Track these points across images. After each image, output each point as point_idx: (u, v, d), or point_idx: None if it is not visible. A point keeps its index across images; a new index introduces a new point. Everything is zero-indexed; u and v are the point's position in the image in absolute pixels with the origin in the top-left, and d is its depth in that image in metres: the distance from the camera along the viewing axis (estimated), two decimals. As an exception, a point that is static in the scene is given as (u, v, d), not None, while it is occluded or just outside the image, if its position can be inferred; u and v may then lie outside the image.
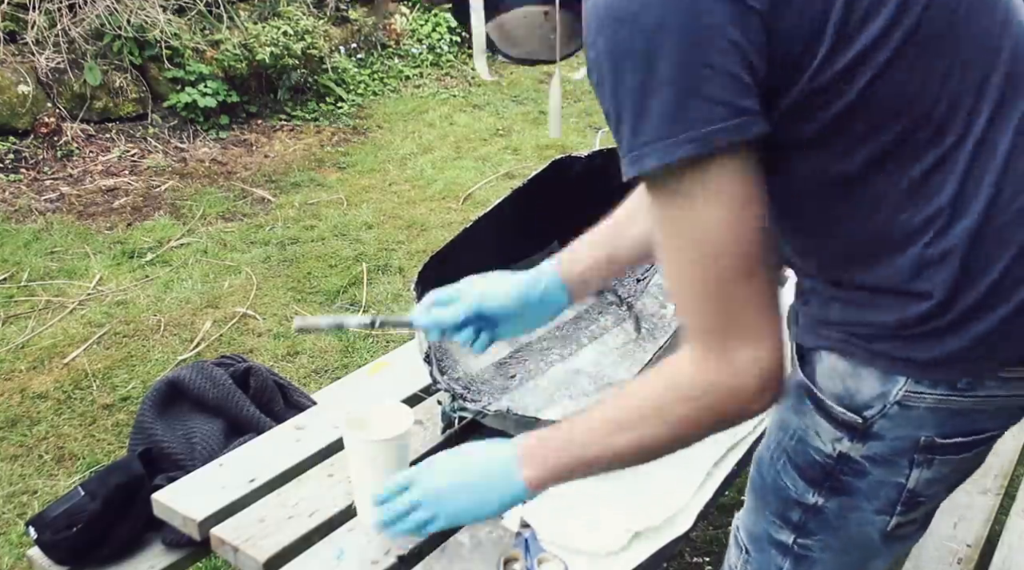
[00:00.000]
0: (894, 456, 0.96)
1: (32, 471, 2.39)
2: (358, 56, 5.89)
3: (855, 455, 0.98)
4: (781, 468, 1.06)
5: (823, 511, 1.04)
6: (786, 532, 1.09)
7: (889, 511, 1.01)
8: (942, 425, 0.94)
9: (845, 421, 0.96)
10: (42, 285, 3.34)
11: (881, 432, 0.95)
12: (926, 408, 0.93)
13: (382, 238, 3.86)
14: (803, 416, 1.01)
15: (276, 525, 1.31)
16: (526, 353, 1.76)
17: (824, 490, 1.02)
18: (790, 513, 1.07)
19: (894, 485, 0.99)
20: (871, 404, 0.94)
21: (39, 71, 4.44)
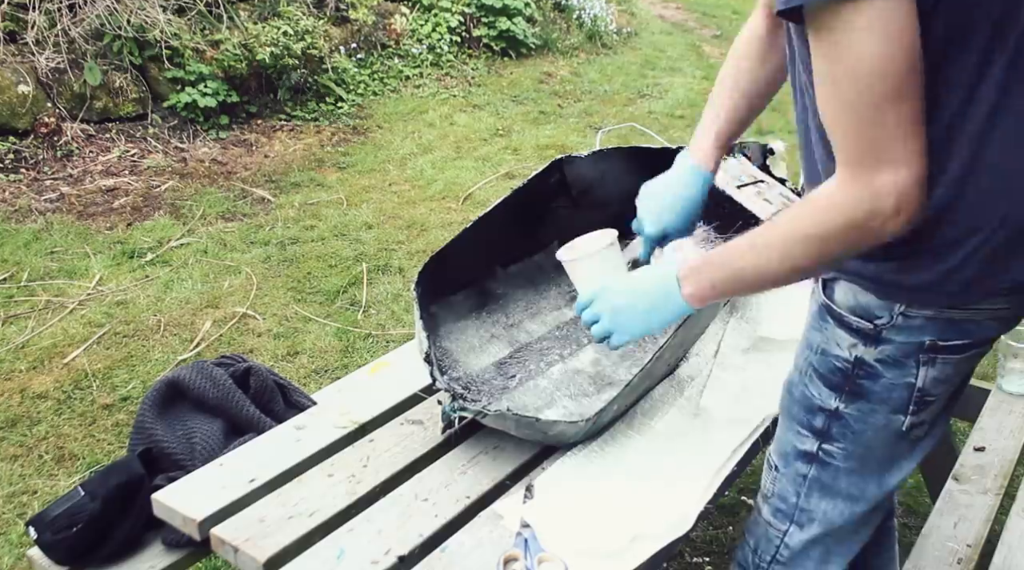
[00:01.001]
0: (903, 358, 1.12)
1: (32, 471, 2.39)
2: (358, 56, 5.89)
3: (869, 359, 1.14)
4: (808, 380, 1.22)
5: (844, 416, 1.19)
6: (810, 440, 1.24)
7: (903, 410, 1.16)
8: (943, 331, 1.10)
9: (859, 328, 1.13)
10: (42, 285, 3.34)
11: (890, 337, 1.11)
12: (925, 318, 1.09)
13: (382, 238, 3.86)
14: (824, 331, 1.18)
15: (276, 525, 1.31)
16: (526, 353, 1.76)
17: (844, 394, 1.18)
18: (814, 420, 1.22)
19: (905, 385, 1.14)
20: (880, 314, 1.10)
21: (39, 71, 4.44)
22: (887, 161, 0.93)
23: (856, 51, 0.89)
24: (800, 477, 1.28)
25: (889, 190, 0.93)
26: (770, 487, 1.34)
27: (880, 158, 0.93)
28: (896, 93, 0.90)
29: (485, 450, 1.49)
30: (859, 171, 0.94)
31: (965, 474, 1.77)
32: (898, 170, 0.93)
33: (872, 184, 0.94)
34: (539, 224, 1.88)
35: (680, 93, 6.34)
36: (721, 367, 1.71)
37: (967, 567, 1.56)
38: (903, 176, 0.93)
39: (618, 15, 7.90)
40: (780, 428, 1.32)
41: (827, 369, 1.19)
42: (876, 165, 0.93)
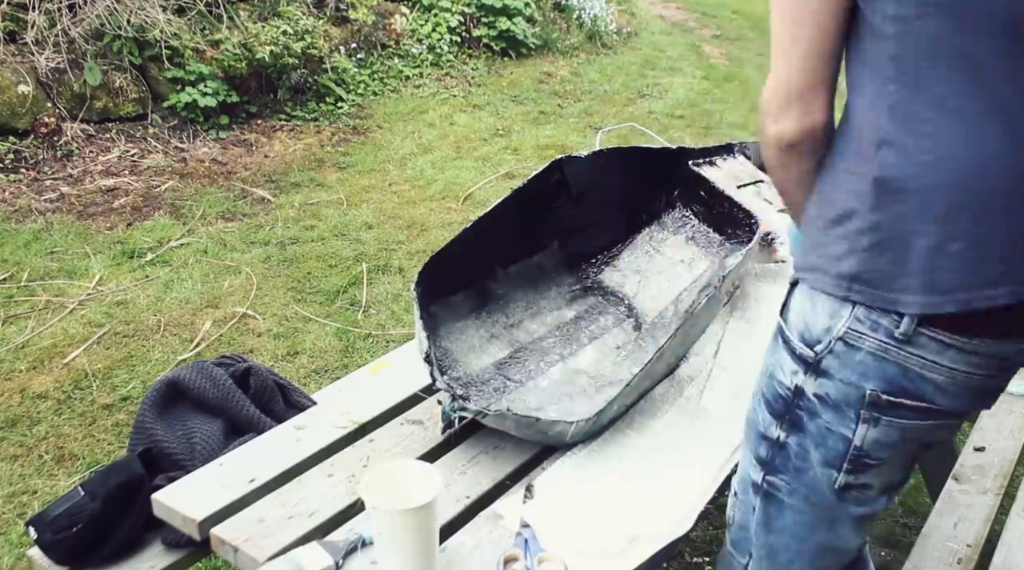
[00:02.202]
0: (842, 403, 1.05)
1: (32, 471, 2.39)
2: (358, 56, 5.89)
3: (808, 390, 1.07)
4: (757, 404, 1.17)
5: (785, 447, 1.13)
6: (758, 470, 1.18)
7: (836, 465, 1.08)
8: (889, 381, 1.01)
9: (801, 355, 1.07)
10: (42, 285, 3.34)
11: (829, 370, 1.04)
12: (868, 353, 1.01)
13: (382, 238, 3.86)
14: (774, 353, 1.13)
15: (276, 525, 1.31)
16: (526, 353, 1.76)
17: (785, 423, 1.12)
18: (760, 448, 1.17)
19: (840, 436, 1.06)
20: (820, 339, 1.04)
21: (39, 71, 4.44)
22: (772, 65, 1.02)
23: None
24: (751, 508, 1.21)
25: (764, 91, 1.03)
26: (731, 514, 1.29)
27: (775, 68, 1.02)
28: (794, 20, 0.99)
29: (485, 450, 1.49)
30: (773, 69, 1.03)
31: (965, 474, 1.77)
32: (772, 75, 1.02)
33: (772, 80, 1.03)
34: (539, 224, 1.88)
35: (680, 93, 6.33)
36: (721, 367, 1.71)
37: (967, 567, 1.55)
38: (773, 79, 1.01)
39: (618, 15, 7.90)
40: (741, 454, 1.26)
41: (772, 395, 1.14)
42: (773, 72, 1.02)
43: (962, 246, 0.95)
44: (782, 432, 1.12)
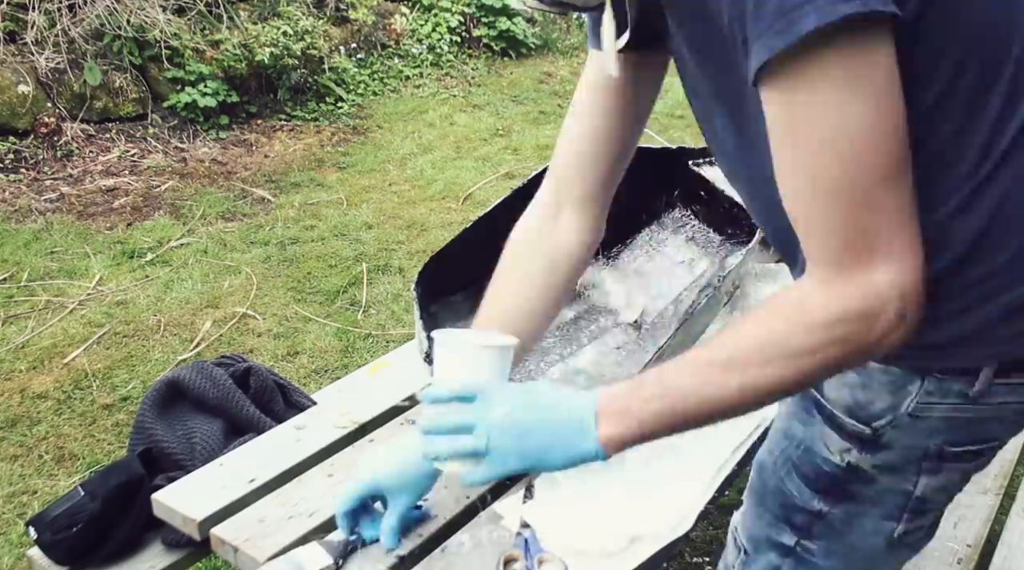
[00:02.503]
0: (903, 464, 0.94)
1: (32, 471, 2.39)
2: (358, 56, 5.89)
3: (864, 466, 0.95)
4: (785, 475, 1.03)
5: (828, 517, 1.01)
6: (788, 534, 1.06)
7: (896, 517, 0.98)
8: (955, 432, 0.91)
9: (854, 432, 0.93)
10: (42, 285, 3.34)
11: (890, 443, 0.92)
12: (938, 418, 0.89)
13: (382, 238, 3.86)
14: (810, 427, 0.98)
15: (276, 525, 1.30)
16: (526, 354, 1.76)
17: (831, 498, 1.00)
18: (794, 517, 1.04)
19: (901, 492, 0.96)
20: (882, 415, 0.90)
21: (39, 71, 4.44)
22: (883, 254, 0.74)
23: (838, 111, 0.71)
24: (773, 567, 1.09)
25: (890, 291, 0.75)
26: (730, 562, 1.17)
27: (875, 250, 0.74)
28: (891, 166, 0.73)
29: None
30: (847, 269, 0.75)
31: (965, 474, 1.77)
32: (897, 265, 0.75)
33: (867, 284, 0.75)
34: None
35: (680, 93, 6.30)
36: (721, 367, 1.71)
37: (967, 567, 1.56)
38: (904, 271, 0.75)
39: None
40: (750, 510, 1.12)
41: (812, 471, 0.99)
42: (869, 259, 0.74)
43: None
44: (825, 506, 1.00)
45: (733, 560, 1.17)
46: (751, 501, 1.12)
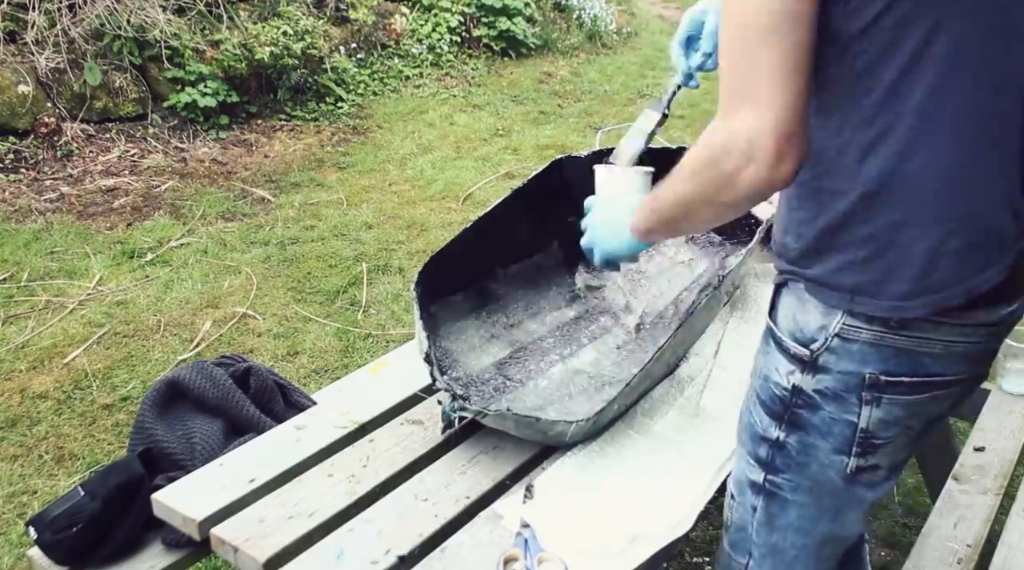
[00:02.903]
0: (843, 392, 1.05)
1: (32, 471, 2.39)
2: (358, 56, 5.89)
3: (807, 388, 1.07)
4: (752, 406, 1.17)
5: (786, 446, 1.12)
6: (757, 470, 1.17)
7: (846, 451, 1.08)
8: (885, 362, 1.02)
9: (796, 354, 1.07)
10: (42, 285, 3.34)
11: (827, 365, 1.04)
12: (865, 343, 1.01)
13: (382, 238, 3.86)
14: (767, 356, 1.13)
15: (276, 525, 1.31)
16: (526, 353, 1.76)
17: (785, 424, 1.11)
18: (759, 450, 1.16)
19: (846, 423, 1.06)
20: (815, 337, 1.04)
21: (39, 71, 4.44)
22: (748, 101, 0.90)
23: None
24: (752, 508, 1.21)
25: (743, 131, 0.90)
26: (728, 515, 1.29)
27: (742, 97, 0.91)
28: (770, 31, 0.88)
29: (485, 450, 1.49)
30: (725, 107, 0.93)
31: (965, 474, 1.77)
32: (757, 113, 0.89)
33: (730, 122, 0.92)
34: (539, 224, 1.88)
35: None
36: (721, 367, 1.71)
37: (967, 567, 1.55)
38: (761, 119, 0.89)
39: (618, 15, 7.90)
40: (736, 455, 1.26)
41: (768, 396, 1.13)
42: (738, 104, 0.91)
43: (959, 242, 0.96)
44: (781, 432, 1.12)
45: (726, 510, 1.28)
46: (736, 446, 1.25)
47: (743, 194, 0.94)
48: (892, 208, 0.96)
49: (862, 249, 0.98)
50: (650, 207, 1.12)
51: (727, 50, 0.92)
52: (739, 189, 0.93)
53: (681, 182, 1.02)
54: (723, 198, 0.96)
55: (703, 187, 0.98)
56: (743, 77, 0.91)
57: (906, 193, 0.95)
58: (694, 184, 0.99)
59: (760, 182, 0.92)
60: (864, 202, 0.97)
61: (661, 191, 1.08)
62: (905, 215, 0.96)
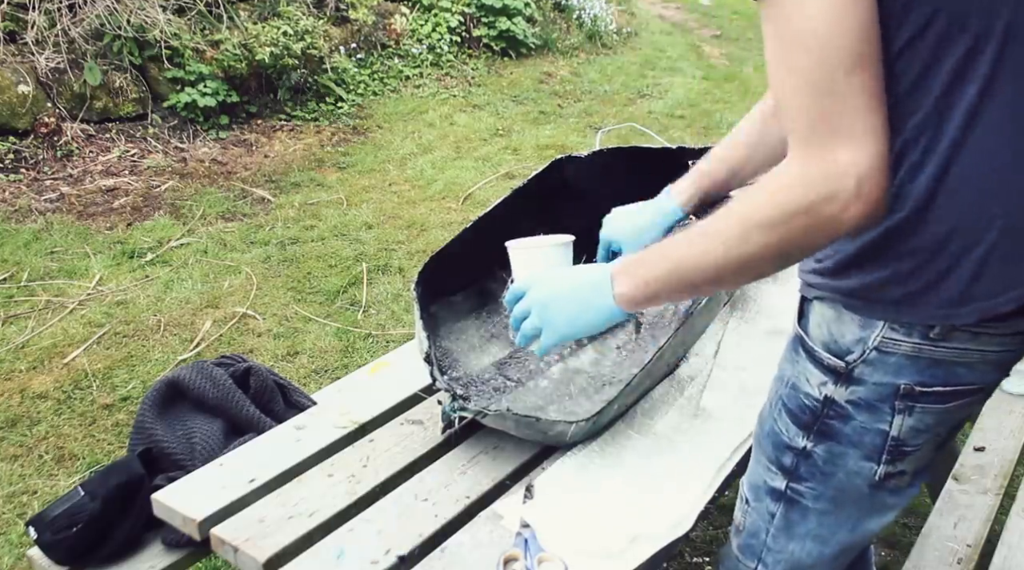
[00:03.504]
0: (876, 401, 1.02)
1: (32, 471, 2.39)
2: (358, 56, 5.89)
3: (839, 399, 1.04)
4: (777, 415, 1.13)
5: (812, 455, 1.09)
6: (779, 478, 1.15)
7: (876, 458, 1.06)
8: (921, 373, 0.99)
9: (830, 366, 1.03)
10: (42, 285, 3.34)
11: (862, 377, 1.01)
12: (903, 355, 0.98)
13: (382, 238, 3.86)
14: (796, 364, 1.08)
15: (276, 525, 1.30)
16: (526, 353, 1.76)
17: (813, 434, 1.08)
18: (783, 458, 1.13)
19: (878, 431, 1.04)
20: (852, 349, 1.00)
21: (39, 71, 4.44)
22: (845, 136, 0.83)
23: (805, 12, 0.82)
24: (769, 514, 1.19)
25: (848, 168, 0.83)
26: (741, 519, 1.27)
27: (836, 132, 0.84)
28: (852, 59, 0.82)
29: (485, 450, 1.49)
30: (813, 148, 0.85)
31: (965, 474, 1.77)
32: (857, 146, 0.83)
33: (829, 161, 0.84)
34: (539, 225, 1.88)
35: (680, 93, 6.33)
36: (721, 367, 1.71)
37: (967, 567, 1.56)
38: (863, 153, 0.83)
39: (618, 15, 7.90)
40: (752, 458, 1.23)
41: (796, 405, 1.10)
42: (832, 140, 0.84)
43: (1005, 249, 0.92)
44: (809, 442, 1.09)
45: (738, 514, 1.26)
46: (754, 450, 1.22)
47: (840, 235, 0.87)
48: (938, 221, 0.92)
49: (907, 262, 0.94)
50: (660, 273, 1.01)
51: (799, 85, 0.84)
52: (838, 232, 0.87)
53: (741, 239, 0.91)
54: (811, 244, 0.89)
55: (789, 239, 0.88)
56: (830, 110, 0.83)
57: (952, 205, 0.91)
58: (772, 237, 0.89)
59: (866, 220, 0.86)
60: (911, 218, 0.92)
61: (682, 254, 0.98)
62: (951, 226, 0.92)
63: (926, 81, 0.88)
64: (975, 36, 0.86)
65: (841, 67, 0.82)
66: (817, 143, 0.84)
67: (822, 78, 0.83)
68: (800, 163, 0.86)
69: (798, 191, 0.86)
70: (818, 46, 0.82)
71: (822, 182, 0.84)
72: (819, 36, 0.82)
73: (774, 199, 0.88)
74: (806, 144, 0.85)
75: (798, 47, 0.83)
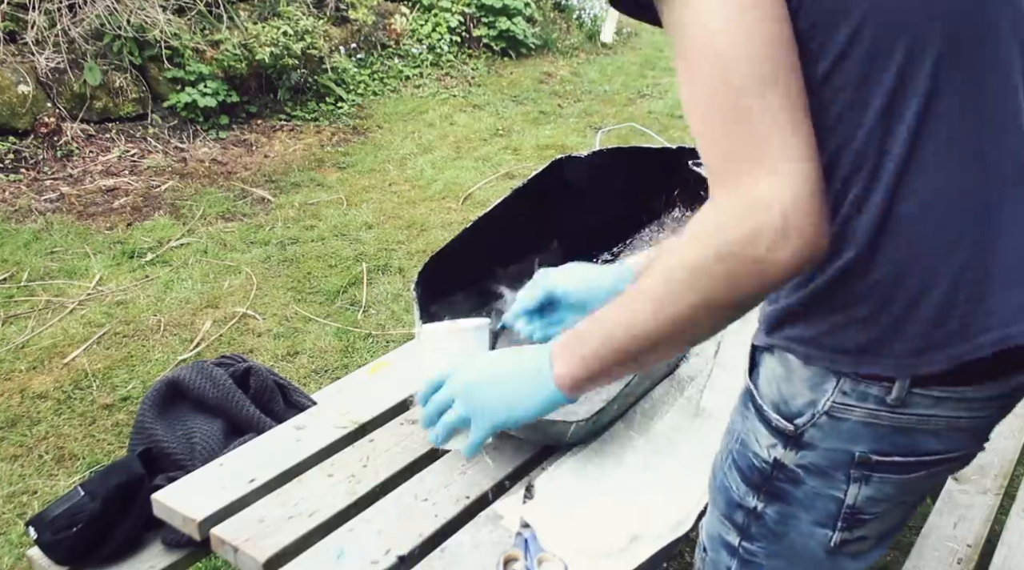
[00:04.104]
0: (829, 469, 0.93)
1: (32, 471, 2.39)
2: (358, 56, 5.89)
3: (789, 463, 0.95)
4: (727, 469, 1.05)
5: (763, 517, 1.01)
6: (733, 534, 1.07)
7: (830, 525, 0.97)
8: (879, 440, 0.90)
9: (779, 427, 0.94)
10: (42, 285, 3.34)
11: (812, 442, 0.92)
12: (857, 422, 0.89)
13: (382, 238, 3.86)
14: (746, 420, 1.00)
15: (276, 525, 1.31)
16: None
17: (763, 495, 1.00)
18: (734, 515, 1.05)
19: (831, 498, 0.95)
20: (802, 412, 0.91)
21: (39, 71, 4.44)
22: (760, 165, 0.72)
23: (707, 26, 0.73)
24: (724, 567, 1.11)
25: (768, 202, 0.72)
26: (700, 567, 1.19)
27: (751, 161, 0.73)
28: (764, 76, 0.72)
29: (485, 450, 1.49)
30: (729, 182, 0.74)
31: (965, 474, 1.77)
32: (778, 175, 0.72)
33: (746, 195, 0.73)
34: (539, 224, 1.88)
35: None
36: (721, 367, 1.71)
37: (967, 567, 1.56)
38: (786, 182, 0.72)
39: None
40: (709, 505, 1.14)
41: (745, 464, 1.00)
42: (748, 171, 0.73)
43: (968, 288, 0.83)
44: (759, 503, 1.01)
45: (697, 561, 1.19)
46: (709, 499, 1.14)
47: (776, 281, 0.76)
48: (891, 258, 0.82)
49: (863, 304, 0.84)
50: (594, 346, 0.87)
51: (708, 112, 0.74)
52: (771, 277, 0.75)
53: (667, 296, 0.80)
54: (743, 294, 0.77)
55: (715, 290, 0.77)
56: (743, 135, 0.73)
57: (904, 237, 0.82)
58: (698, 290, 0.77)
59: (801, 260, 0.74)
60: (859, 259, 0.82)
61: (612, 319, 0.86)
62: (906, 263, 0.82)
63: (858, 109, 0.79)
64: (904, 59, 0.78)
65: (752, 89, 0.72)
66: (732, 175, 0.74)
67: (730, 103, 0.73)
68: (716, 202, 0.76)
69: (713, 233, 0.75)
70: (724, 69, 0.73)
71: (740, 220, 0.73)
72: (722, 54, 0.73)
73: (692, 245, 0.78)
74: (722, 179, 0.75)
75: (704, 73, 0.74)
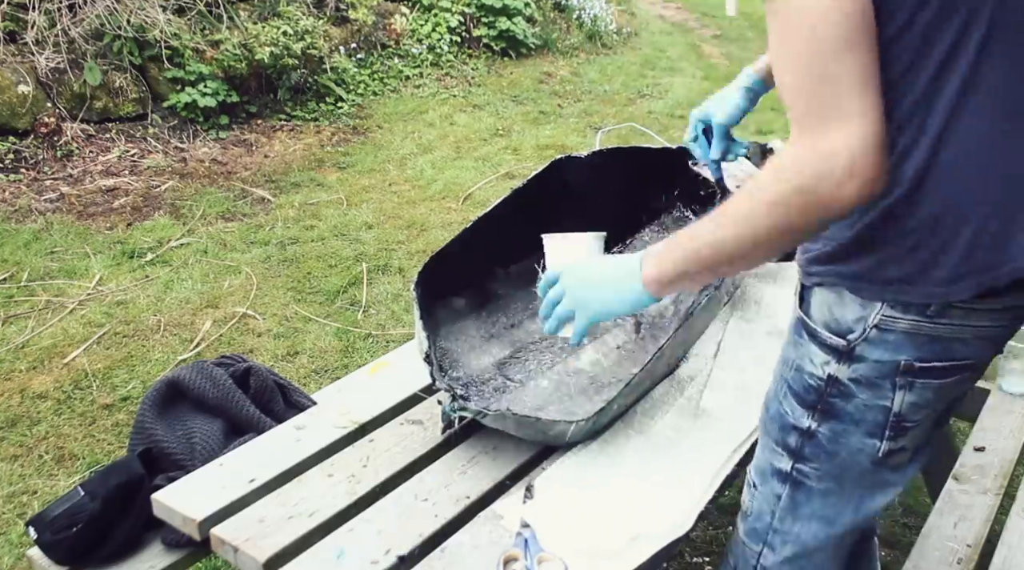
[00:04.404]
0: (877, 379, 1.07)
1: (32, 471, 2.39)
2: (358, 56, 5.89)
3: (842, 377, 1.09)
4: (783, 397, 1.17)
5: (816, 435, 1.14)
6: (785, 459, 1.19)
7: (878, 435, 1.11)
8: (919, 349, 1.04)
9: (832, 345, 1.08)
10: (42, 285, 3.34)
11: (863, 355, 1.06)
12: (902, 332, 1.03)
13: (382, 238, 3.86)
14: (799, 347, 1.13)
15: (276, 525, 1.30)
16: (526, 353, 1.76)
17: (817, 413, 1.13)
18: (788, 438, 1.17)
19: (880, 408, 1.09)
20: (853, 328, 1.05)
21: (39, 71, 4.44)
22: (836, 117, 0.87)
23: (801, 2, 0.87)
24: (775, 496, 1.23)
25: (839, 148, 0.87)
26: (748, 505, 1.30)
27: (828, 114, 0.88)
28: (844, 41, 0.86)
29: (485, 450, 1.49)
30: (808, 129, 0.89)
31: (965, 474, 1.77)
32: (849, 127, 0.87)
33: (821, 142, 0.88)
34: (539, 224, 1.88)
35: (680, 93, 6.33)
36: (721, 367, 1.71)
37: (967, 567, 1.55)
38: (855, 133, 0.87)
39: (618, 15, 7.90)
40: (759, 444, 1.28)
41: (801, 386, 1.14)
42: (825, 121, 0.88)
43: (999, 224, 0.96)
44: (813, 422, 1.14)
45: (746, 498, 1.30)
46: (760, 435, 1.27)
47: (840, 213, 0.91)
48: (929, 202, 0.96)
49: (903, 243, 0.99)
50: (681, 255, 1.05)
51: (795, 68, 0.89)
52: (837, 210, 0.90)
53: (749, 220, 0.96)
54: (813, 223, 0.93)
55: (790, 218, 0.92)
56: (823, 92, 0.87)
57: (942, 186, 0.95)
58: (776, 217, 0.93)
59: (862, 198, 0.89)
60: (904, 200, 0.96)
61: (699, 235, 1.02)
62: (942, 206, 0.96)
63: (918, 66, 0.92)
64: (963, 22, 0.90)
65: (833, 52, 0.86)
66: (811, 126, 0.89)
67: (815, 63, 0.87)
68: (796, 145, 0.90)
69: (793, 172, 0.90)
70: (812, 32, 0.87)
71: (815, 163, 0.88)
72: (813, 23, 0.86)
73: (774, 180, 0.93)
74: (802, 127, 0.90)
75: (794, 34, 0.88)
